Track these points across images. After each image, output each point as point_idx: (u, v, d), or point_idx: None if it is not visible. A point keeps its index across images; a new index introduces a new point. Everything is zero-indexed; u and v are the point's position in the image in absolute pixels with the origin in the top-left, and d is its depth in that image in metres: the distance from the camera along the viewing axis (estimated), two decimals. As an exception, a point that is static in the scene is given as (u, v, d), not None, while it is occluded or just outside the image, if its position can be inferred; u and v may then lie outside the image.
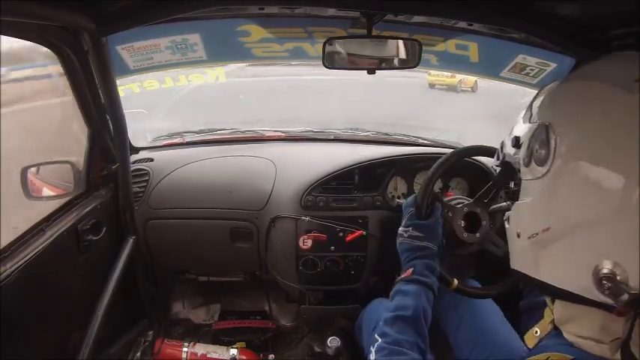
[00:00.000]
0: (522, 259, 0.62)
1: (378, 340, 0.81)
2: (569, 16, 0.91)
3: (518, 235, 0.62)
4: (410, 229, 0.98)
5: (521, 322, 1.00)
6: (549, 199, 0.56)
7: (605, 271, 0.50)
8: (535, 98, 0.65)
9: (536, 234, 0.57)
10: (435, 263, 0.93)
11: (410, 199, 1.07)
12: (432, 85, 9.05)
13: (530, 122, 0.62)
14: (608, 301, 0.50)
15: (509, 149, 0.66)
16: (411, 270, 0.90)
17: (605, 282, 0.50)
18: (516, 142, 0.63)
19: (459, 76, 8.59)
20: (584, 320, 0.56)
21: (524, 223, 0.61)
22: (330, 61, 1.08)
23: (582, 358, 0.55)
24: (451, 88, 8.93)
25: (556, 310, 0.61)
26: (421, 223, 0.99)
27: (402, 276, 0.91)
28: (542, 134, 0.56)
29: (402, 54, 1.11)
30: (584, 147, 0.53)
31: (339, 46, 1.06)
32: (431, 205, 1.03)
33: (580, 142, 0.53)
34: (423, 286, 0.87)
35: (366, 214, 1.37)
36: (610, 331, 0.54)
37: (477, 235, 1.13)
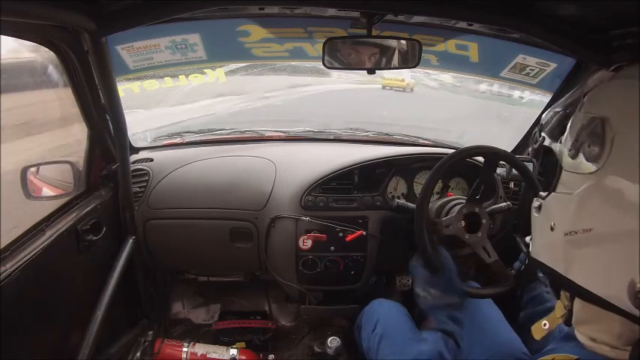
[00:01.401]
0: (552, 253, 0.59)
1: None
2: (569, 16, 0.91)
3: (552, 229, 0.58)
4: (430, 289, 0.95)
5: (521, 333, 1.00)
6: (597, 200, 0.52)
7: None
8: (582, 86, 0.59)
9: (575, 232, 0.54)
10: (459, 313, 0.93)
11: (414, 261, 1.05)
12: (384, 87, 10.29)
13: (580, 111, 0.57)
14: (637, 312, 0.49)
15: (551, 134, 0.62)
16: (433, 320, 0.91)
17: None
18: (560, 129, 0.60)
19: (407, 80, 9.95)
20: (602, 324, 0.55)
21: (561, 217, 0.57)
22: (330, 61, 1.07)
23: (589, 359, 0.55)
24: (398, 90, 10.14)
25: (575, 309, 0.60)
26: (437, 281, 0.96)
27: (426, 326, 0.92)
28: (597, 129, 0.52)
29: (402, 54, 1.11)
30: None
31: (339, 46, 1.06)
32: (437, 254, 1.01)
33: None
34: (442, 333, 0.87)
35: (365, 215, 1.37)
36: (626, 337, 0.53)
37: (478, 234, 1.14)
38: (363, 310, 1.22)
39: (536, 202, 0.64)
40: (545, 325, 0.66)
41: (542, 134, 0.66)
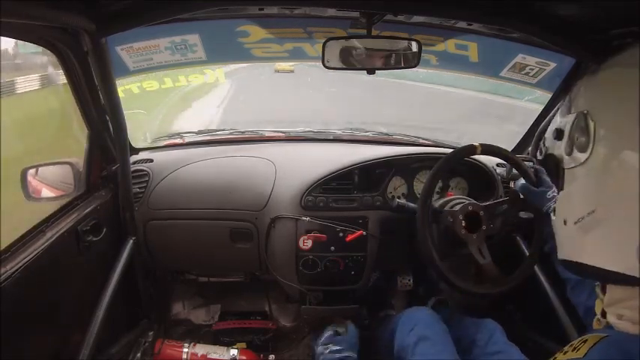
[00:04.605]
0: (569, 246, 0.63)
1: None
2: (569, 16, 0.91)
3: (565, 222, 0.62)
4: (329, 345, 1.18)
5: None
6: (593, 183, 0.57)
7: None
8: (572, 90, 0.66)
9: (582, 218, 0.58)
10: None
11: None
12: (276, 70, 12.18)
13: (569, 114, 0.63)
14: None
15: (551, 142, 0.67)
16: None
17: None
18: (558, 134, 0.64)
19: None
20: (628, 302, 0.57)
21: (569, 209, 0.62)
22: (330, 61, 1.07)
23: (618, 337, 0.55)
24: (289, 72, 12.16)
25: (606, 296, 0.62)
26: (339, 338, 1.19)
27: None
28: (581, 122, 0.58)
29: (402, 54, 1.11)
30: (622, 129, 0.54)
31: (338, 47, 1.06)
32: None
33: (617, 124, 0.54)
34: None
35: (366, 215, 1.37)
36: None
37: (478, 233, 1.14)
38: (401, 313, 1.24)
39: (551, 207, 0.70)
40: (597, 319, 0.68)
41: (546, 145, 0.71)
